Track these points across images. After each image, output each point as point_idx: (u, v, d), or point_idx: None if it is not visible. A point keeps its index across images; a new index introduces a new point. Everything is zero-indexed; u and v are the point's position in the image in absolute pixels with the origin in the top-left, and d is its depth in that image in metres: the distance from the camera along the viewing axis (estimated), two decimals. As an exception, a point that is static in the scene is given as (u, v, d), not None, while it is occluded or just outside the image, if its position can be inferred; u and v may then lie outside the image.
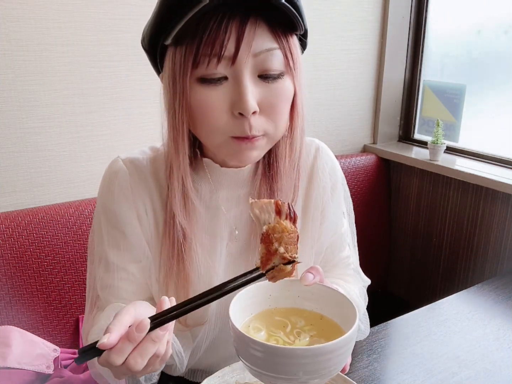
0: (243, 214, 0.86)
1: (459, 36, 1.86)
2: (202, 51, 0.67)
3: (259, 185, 0.84)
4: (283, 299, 0.72)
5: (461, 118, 1.80)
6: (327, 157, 0.93)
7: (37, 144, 1.36)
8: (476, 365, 0.95)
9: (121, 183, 0.83)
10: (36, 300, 1.30)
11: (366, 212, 1.88)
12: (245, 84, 0.69)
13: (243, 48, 0.67)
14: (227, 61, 0.68)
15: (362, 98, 1.95)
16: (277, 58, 0.70)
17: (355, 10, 1.82)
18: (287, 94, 0.73)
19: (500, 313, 1.15)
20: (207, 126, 0.73)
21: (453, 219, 1.78)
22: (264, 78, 0.71)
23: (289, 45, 0.72)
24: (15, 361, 1.03)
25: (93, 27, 1.35)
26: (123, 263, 0.83)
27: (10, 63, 1.27)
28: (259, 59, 0.69)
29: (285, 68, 0.72)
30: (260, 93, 0.71)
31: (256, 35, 0.68)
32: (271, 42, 0.69)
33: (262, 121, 0.72)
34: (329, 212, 0.93)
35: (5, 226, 1.25)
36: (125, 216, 0.82)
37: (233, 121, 0.71)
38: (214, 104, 0.70)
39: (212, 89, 0.70)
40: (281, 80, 0.72)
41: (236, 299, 0.68)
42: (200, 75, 0.69)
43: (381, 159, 1.94)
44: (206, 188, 0.84)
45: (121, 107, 1.45)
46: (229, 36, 0.66)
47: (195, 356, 0.93)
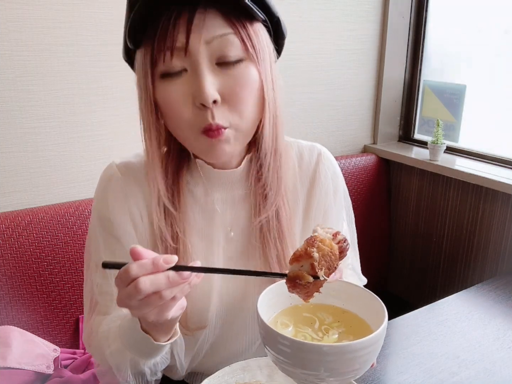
0: (239, 216, 0.86)
1: (459, 36, 1.86)
2: (156, 48, 0.69)
3: (254, 185, 0.84)
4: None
5: (461, 118, 1.80)
6: (328, 162, 0.94)
7: (37, 144, 1.36)
8: (476, 365, 0.95)
9: (115, 189, 0.82)
10: (36, 300, 1.30)
11: (366, 212, 1.88)
12: (203, 73, 0.69)
13: (194, 36, 0.68)
14: (181, 52, 0.69)
15: (362, 98, 1.95)
16: (233, 44, 0.70)
17: (355, 10, 1.82)
18: (249, 81, 0.72)
19: (500, 313, 1.15)
20: (175, 121, 0.73)
21: (453, 219, 1.78)
22: (222, 65, 0.70)
23: (247, 31, 0.70)
24: (15, 361, 1.03)
25: (93, 27, 1.35)
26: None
27: (10, 63, 1.27)
28: (214, 46, 0.69)
29: (245, 53, 0.71)
30: (220, 81, 0.70)
31: (206, 23, 0.68)
32: (224, 28, 0.69)
33: (225, 110, 0.71)
34: (331, 216, 0.93)
35: (5, 226, 1.25)
36: (120, 223, 0.82)
37: (196, 113, 0.71)
38: (177, 98, 0.71)
39: (173, 83, 0.71)
40: (240, 66, 0.71)
41: (263, 295, 0.68)
42: (160, 71, 0.71)
43: (381, 159, 1.94)
44: (201, 189, 0.84)
45: (121, 107, 1.45)
46: (178, 27, 0.68)
47: (196, 360, 0.93)
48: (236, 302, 0.87)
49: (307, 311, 0.72)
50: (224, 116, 0.71)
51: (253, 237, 0.85)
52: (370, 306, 0.69)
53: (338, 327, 0.69)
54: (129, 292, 0.58)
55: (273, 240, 0.83)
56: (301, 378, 0.62)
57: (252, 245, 0.85)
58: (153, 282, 0.58)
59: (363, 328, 0.69)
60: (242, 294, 0.87)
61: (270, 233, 0.83)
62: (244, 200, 0.86)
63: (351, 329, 0.69)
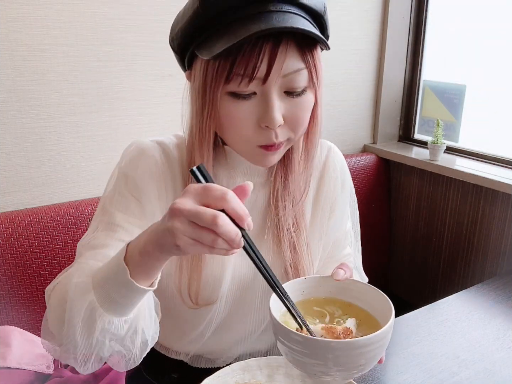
0: (257, 201, 0.91)
1: (459, 36, 1.86)
2: (235, 71, 0.71)
3: (275, 175, 0.89)
4: (315, 294, 0.76)
5: (461, 118, 1.80)
6: (338, 157, 1.01)
7: (37, 144, 1.36)
8: (476, 365, 0.95)
9: (148, 158, 0.85)
10: (36, 300, 1.30)
11: (366, 212, 1.88)
12: (273, 101, 0.73)
13: (274, 70, 0.71)
14: (258, 81, 0.72)
15: (362, 98, 1.95)
16: (303, 77, 0.75)
17: (355, 10, 1.82)
18: (309, 106, 0.79)
19: (500, 313, 1.15)
20: (235, 135, 0.78)
21: (453, 219, 1.78)
22: (289, 93, 0.75)
23: (314, 61, 0.76)
24: (15, 361, 1.03)
25: (93, 27, 1.35)
26: (127, 225, 0.81)
27: (10, 63, 1.27)
28: (287, 79, 0.74)
29: (309, 83, 0.76)
30: (285, 106, 0.75)
31: (286, 57, 0.71)
32: (299, 63, 0.74)
33: (285, 129, 0.77)
34: (338, 207, 0.99)
35: (5, 226, 1.25)
36: (145, 187, 0.83)
37: (259, 131, 0.76)
38: (243, 117, 0.75)
39: (241, 103, 0.74)
40: (304, 95, 0.77)
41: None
42: (231, 90, 0.73)
43: (381, 159, 1.94)
44: (224, 174, 0.89)
45: (121, 107, 1.45)
46: (261, 58, 0.70)
47: (202, 339, 0.95)
48: (247, 280, 0.91)
49: (316, 305, 0.75)
50: (284, 133, 0.78)
51: (269, 222, 0.90)
52: (377, 303, 0.72)
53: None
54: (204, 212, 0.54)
55: (287, 226, 0.89)
56: (310, 370, 0.65)
57: (268, 230, 0.90)
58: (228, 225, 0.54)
59: (372, 322, 0.72)
60: (253, 273, 0.91)
61: (284, 219, 0.88)
62: (264, 187, 0.91)
63: (360, 322, 0.72)
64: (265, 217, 0.91)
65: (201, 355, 1.00)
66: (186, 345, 0.99)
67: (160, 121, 1.52)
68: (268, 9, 0.69)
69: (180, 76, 1.53)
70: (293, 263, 0.89)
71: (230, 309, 0.92)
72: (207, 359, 1.00)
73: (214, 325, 0.93)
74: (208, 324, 0.93)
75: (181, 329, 0.97)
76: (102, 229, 0.81)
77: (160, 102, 1.51)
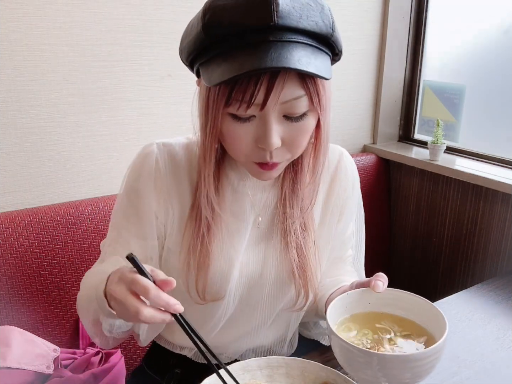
0: (267, 201, 0.94)
1: (459, 36, 1.86)
2: (234, 96, 0.73)
3: (282, 180, 0.91)
4: (358, 309, 0.82)
5: (461, 118, 1.80)
6: (349, 162, 1.03)
7: (37, 144, 1.36)
8: (476, 365, 0.95)
9: (150, 164, 0.89)
10: (36, 300, 1.30)
11: (366, 212, 1.87)
12: (271, 125, 0.75)
13: (272, 97, 0.72)
14: (256, 107, 0.73)
15: (362, 98, 1.95)
16: (303, 103, 0.75)
17: (355, 10, 1.82)
18: (308, 130, 0.80)
19: (500, 313, 1.15)
20: (234, 151, 0.81)
21: (453, 219, 1.78)
22: (288, 118, 0.77)
23: (316, 87, 0.75)
24: (15, 361, 1.03)
25: (93, 27, 1.35)
26: (127, 235, 0.90)
27: (10, 63, 1.27)
28: (286, 105, 0.75)
29: (309, 107, 0.77)
30: (283, 130, 0.77)
31: (285, 85, 0.72)
32: (299, 90, 0.74)
33: (282, 151, 0.79)
34: (347, 210, 1.02)
35: (5, 226, 1.25)
36: (144, 194, 0.88)
37: (256, 150, 0.79)
38: (242, 136, 0.77)
39: (241, 124, 0.76)
40: (304, 119, 0.78)
41: (334, 302, 0.79)
42: (231, 112, 0.76)
43: (381, 159, 1.94)
44: (235, 175, 0.92)
45: (121, 107, 1.45)
46: (259, 87, 0.71)
47: (209, 335, 0.98)
48: (254, 277, 0.93)
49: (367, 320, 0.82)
50: (281, 154, 0.80)
51: (277, 223, 0.92)
52: (425, 313, 0.78)
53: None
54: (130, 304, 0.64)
55: (294, 228, 0.91)
56: (358, 374, 0.72)
57: (275, 230, 0.93)
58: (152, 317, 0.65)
59: (421, 332, 0.78)
60: (261, 269, 0.93)
61: (292, 221, 0.91)
62: (272, 189, 0.94)
63: (408, 333, 0.79)
64: (274, 217, 0.93)
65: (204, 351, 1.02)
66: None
67: (159, 121, 1.52)
68: (268, 39, 0.69)
69: (180, 77, 1.53)
70: (300, 265, 0.91)
71: (237, 306, 0.95)
72: None
73: (222, 322, 0.96)
74: (217, 321, 0.95)
75: None
76: (114, 235, 0.92)
77: (160, 102, 1.51)
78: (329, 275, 1.02)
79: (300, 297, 0.94)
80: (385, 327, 0.80)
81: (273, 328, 1.02)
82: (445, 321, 0.71)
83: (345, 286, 0.91)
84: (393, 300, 0.81)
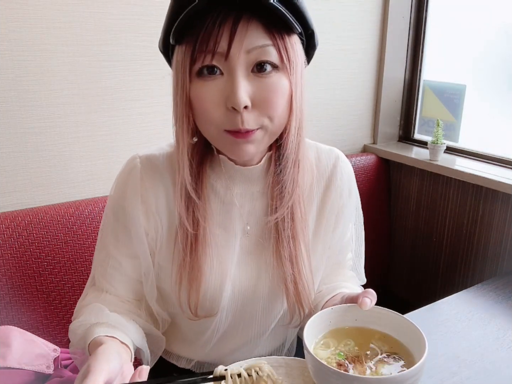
0: (256, 210, 0.89)
1: (459, 36, 1.86)
2: (198, 48, 0.72)
3: (272, 182, 0.86)
4: (343, 323, 0.79)
5: (461, 118, 1.80)
6: (345, 165, 0.97)
7: (37, 144, 1.36)
8: (476, 365, 0.95)
9: (134, 181, 0.86)
10: (36, 300, 1.30)
11: (366, 212, 1.87)
12: (238, 79, 0.72)
13: (235, 45, 0.71)
14: (221, 57, 0.72)
15: (362, 98, 1.95)
16: (271, 55, 0.73)
17: (355, 10, 1.82)
18: (281, 89, 0.75)
19: (500, 313, 1.14)
20: (204, 118, 0.76)
21: (453, 219, 1.78)
22: (257, 73, 0.74)
23: (284, 43, 0.74)
24: (15, 361, 1.03)
25: (93, 27, 1.35)
26: (118, 255, 0.88)
27: (10, 63, 1.27)
28: (252, 55, 0.72)
29: (279, 64, 0.74)
30: (253, 88, 0.73)
31: (248, 33, 0.71)
32: (264, 39, 0.72)
33: (255, 115, 0.75)
34: (343, 216, 0.97)
35: (5, 226, 1.25)
36: (131, 212, 0.85)
37: (226, 114, 0.74)
38: (210, 98, 0.74)
39: (208, 83, 0.74)
40: (274, 75, 0.74)
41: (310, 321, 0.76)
42: (197, 68, 0.74)
43: (381, 159, 1.94)
44: (222, 184, 0.87)
45: (121, 107, 1.45)
46: (221, 33, 0.70)
47: (205, 349, 0.96)
48: (248, 292, 0.90)
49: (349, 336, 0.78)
50: (254, 119, 0.75)
51: (268, 233, 0.88)
52: (406, 331, 0.75)
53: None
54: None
55: (286, 238, 0.86)
56: None
57: (267, 241, 0.88)
58: None
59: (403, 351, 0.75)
60: (254, 284, 0.90)
61: (284, 231, 0.86)
62: (262, 197, 0.89)
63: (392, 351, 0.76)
64: (264, 227, 0.89)
65: (205, 362, 1.01)
66: (190, 353, 1.00)
67: (159, 121, 1.52)
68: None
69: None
70: (293, 277, 0.87)
71: (230, 321, 0.92)
72: (210, 365, 1.01)
73: (217, 336, 0.94)
74: (211, 334, 0.93)
75: (185, 338, 0.99)
76: (102, 258, 0.90)
77: (160, 102, 1.51)
78: (327, 281, 0.98)
79: (295, 315, 0.91)
80: (369, 343, 0.77)
81: (270, 339, 1.00)
82: (425, 342, 0.69)
83: (339, 295, 0.88)
84: (378, 319, 0.78)
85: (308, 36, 0.79)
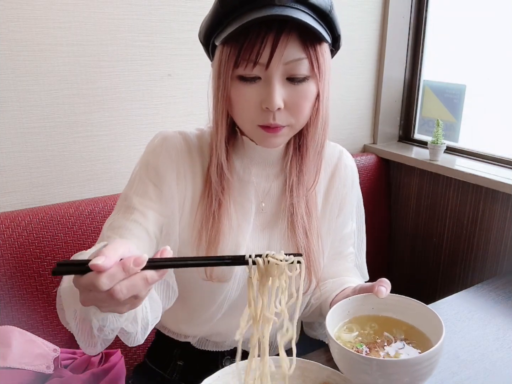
0: (270, 190, 0.99)
1: (459, 36, 1.86)
2: (242, 56, 0.81)
3: (290, 165, 0.96)
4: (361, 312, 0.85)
5: (461, 118, 1.80)
6: (349, 159, 1.09)
7: (37, 144, 1.36)
8: (476, 365, 0.95)
9: (169, 146, 0.94)
10: (36, 300, 1.30)
11: (366, 212, 1.87)
12: (274, 86, 0.82)
13: (276, 57, 0.80)
14: (262, 66, 0.81)
15: (362, 98, 1.95)
16: (304, 66, 0.83)
17: (355, 10, 1.82)
18: (309, 96, 0.86)
19: (500, 313, 1.15)
20: (241, 115, 0.87)
21: (453, 219, 1.78)
22: (291, 80, 0.84)
23: (316, 54, 0.83)
24: (15, 361, 1.03)
25: (93, 27, 1.35)
26: (143, 208, 0.90)
27: (10, 63, 1.27)
28: (288, 66, 0.82)
29: (310, 73, 0.84)
30: (286, 93, 0.84)
31: (287, 47, 0.80)
32: (300, 53, 0.82)
33: (285, 115, 0.85)
34: (346, 205, 1.06)
35: (5, 226, 1.25)
36: (165, 173, 0.92)
37: (261, 113, 0.84)
38: (248, 99, 0.84)
39: (248, 86, 0.84)
40: (305, 83, 0.84)
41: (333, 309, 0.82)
42: (239, 74, 0.83)
43: (381, 159, 1.94)
44: (240, 164, 0.97)
45: (121, 107, 1.45)
46: (264, 46, 0.80)
47: (211, 321, 1.00)
48: None
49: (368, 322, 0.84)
50: (284, 118, 0.85)
51: (282, 212, 0.97)
52: (423, 317, 0.81)
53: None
54: (103, 299, 0.58)
55: (301, 212, 0.96)
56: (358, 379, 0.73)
57: (282, 216, 0.97)
58: (129, 289, 0.57)
59: (420, 337, 0.80)
60: None
61: (299, 205, 0.96)
62: (277, 179, 0.99)
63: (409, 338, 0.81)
64: (280, 205, 0.98)
65: (208, 339, 1.06)
66: (195, 328, 1.04)
67: (159, 121, 1.52)
68: (273, 3, 0.79)
69: (180, 76, 1.53)
70: (305, 249, 0.96)
71: (241, 290, 0.97)
72: (213, 342, 1.06)
73: (225, 307, 0.98)
74: (220, 304, 0.98)
75: (191, 310, 1.02)
76: (121, 212, 0.90)
77: (160, 102, 1.51)
78: (331, 273, 1.05)
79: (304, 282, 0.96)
80: (386, 330, 0.81)
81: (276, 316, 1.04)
82: (442, 326, 0.73)
83: (349, 289, 0.94)
84: (394, 306, 0.84)
85: (335, 39, 0.89)
